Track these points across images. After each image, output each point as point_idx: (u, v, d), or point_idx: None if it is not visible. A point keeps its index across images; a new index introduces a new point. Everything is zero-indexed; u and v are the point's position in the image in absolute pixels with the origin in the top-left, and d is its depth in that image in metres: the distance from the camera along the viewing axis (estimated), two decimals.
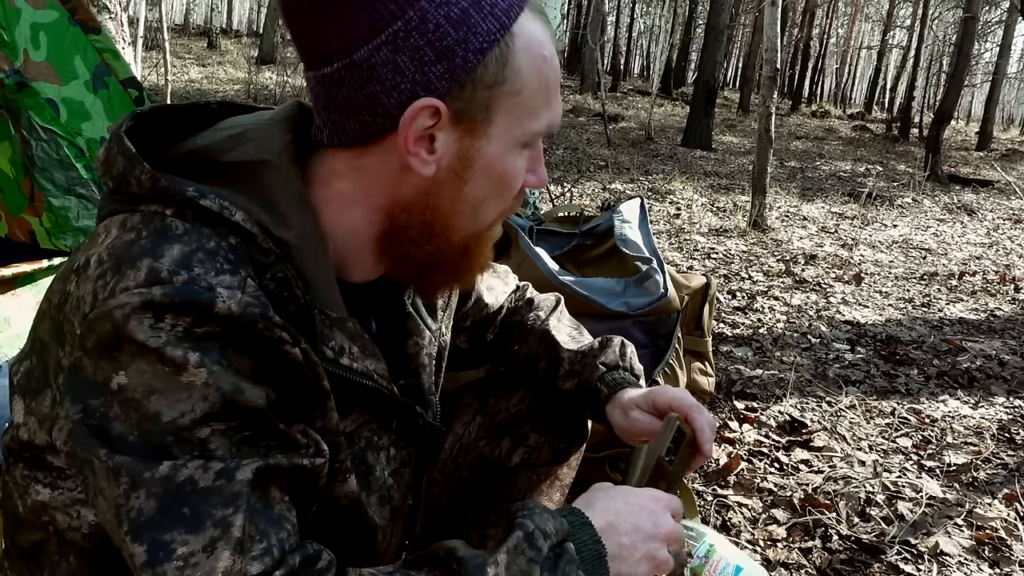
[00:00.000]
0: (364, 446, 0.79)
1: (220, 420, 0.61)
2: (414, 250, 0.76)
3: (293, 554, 0.63)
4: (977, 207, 7.39)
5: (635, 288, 1.90)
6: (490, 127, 0.72)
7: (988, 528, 1.74)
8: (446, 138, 0.71)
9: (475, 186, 0.74)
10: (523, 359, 1.16)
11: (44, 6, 1.88)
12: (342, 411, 0.74)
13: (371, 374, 0.76)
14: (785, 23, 16.89)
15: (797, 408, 2.36)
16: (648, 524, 0.79)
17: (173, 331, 0.60)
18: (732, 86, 29.36)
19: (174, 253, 0.62)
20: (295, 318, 0.68)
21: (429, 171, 0.72)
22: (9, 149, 2.02)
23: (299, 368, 0.67)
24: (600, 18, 16.43)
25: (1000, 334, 3.33)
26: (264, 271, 0.66)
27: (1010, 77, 28.29)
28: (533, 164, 0.79)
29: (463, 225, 0.76)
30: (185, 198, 0.65)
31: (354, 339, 0.74)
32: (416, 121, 0.69)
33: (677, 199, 6.46)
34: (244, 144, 0.71)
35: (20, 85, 1.86)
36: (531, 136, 0.75)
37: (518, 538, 0.70)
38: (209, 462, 0.60)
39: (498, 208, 0.78)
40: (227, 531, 0.59)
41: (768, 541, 1.67)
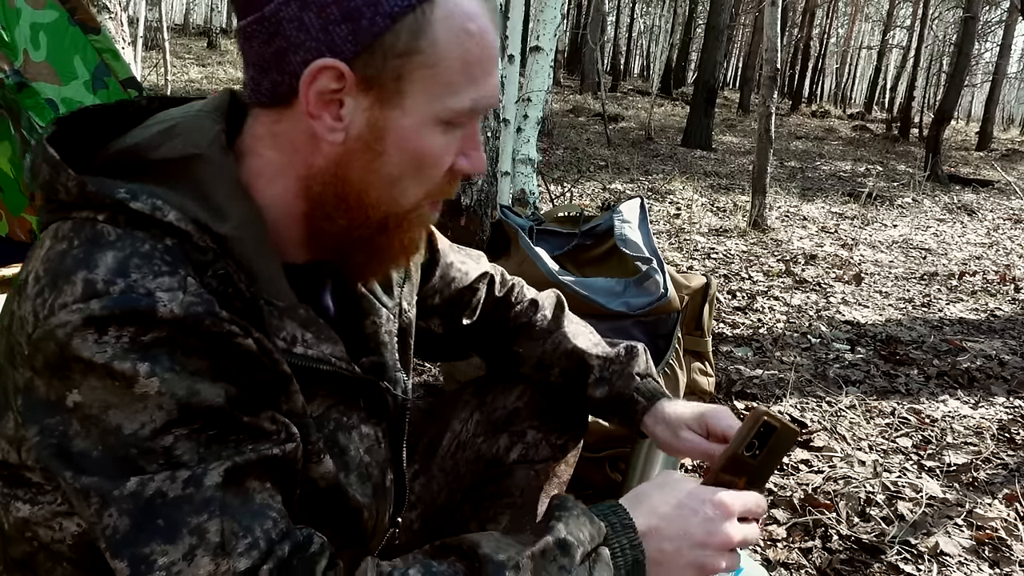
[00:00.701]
0: (334, 427, 0.78)
1: (181, 425, 0.61)
2: (328, 225, 0.74)
3: (282, 543, 0.62)
4: (977, 207, 7.39)
5: (635, 288, 1.90)
6: (403, 99, 0.69)
7: (988, 528, 1.74)
8: (354, 105, 0.69)
9: (389, 161, 0.71)
10: (536, 364, 1.14)
11: (44, 6, 1.88)
12: (306, 396, 0.73)
13: (328, 358, 0.75)
14: (785, 23, 16.89)
15: (797, 408, 2.36)
16: (700, 531, 0.74)
17: (119, 343, 0.59)
18: (732, 86, 29.36)
19: (108, 261, 0.61)
20: (242, 312, 0.66)
21: (336, 138, 0.69)
22: (9, 149, 2.02)
23: (254, 357, 0.65)
24: (600, 18, 16.43)
25: (1000, 334, 3.33)
26: (204, 269, 0.64)
27: (1010, 77, 28.30)
28: (465, 147, 0.74)
29: (379, 201, 0.73)
30: (115, 201, 0.63)
31: (306, 325, 0.73)
32: (317, 82, 0.67)
33: (677, 199, 6.46)
34: (173, 139, 0.69)
35: (20, 85, 1.86)
36: (452, 114, 0.70)
37: (547, 544, 0.68)
38: (177, 471, 0.60)
39: (420, 188, 0.74)
40: (204, 537, 0.59)
41: (768, 541, 1.67)
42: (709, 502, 0.76)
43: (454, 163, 0.74)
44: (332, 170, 0.71)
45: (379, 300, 0.88)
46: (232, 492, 0.61)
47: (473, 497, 1.15)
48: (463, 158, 0.75)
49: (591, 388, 1.12)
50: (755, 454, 0.81)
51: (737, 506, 0.77)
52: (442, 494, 1.14)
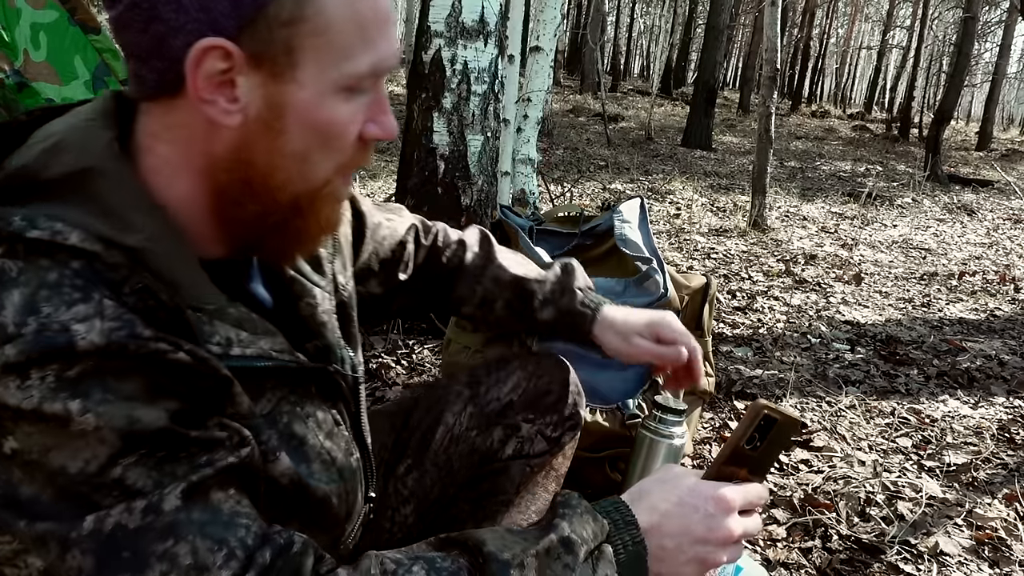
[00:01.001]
0: (289, 420, 0.76)
1: (128, 455, 0.58)
2: (239, 214, 0.71)
3: (262, 549, 0.61)
4: (977, 207, 7.39)
5: (635, 288, 1.90)
6: (297, 70, 0.65)
7: (988, 528, 1.74)
8: (248, 84, 0.65)
9: (293, 138, 0.68)
10: (479, 302, 1.15)
11: (44, 6, 1.88)
12: (253, 394, 0.71)
13: (268, 353, 0.72)
14: (785, 23, 16.89)
15: (797, 408, 2.36)
16: (701, 527, 0.74)
17: (44, 384, 0.56)
18: (732, 86, 29.36)
19: (15, 300, 0.57)
20: (168, 324, 0.63)
21: (234, 121, 0.66)
22: None
23: (189, 369, 0.62)
24: (600, 18, 16.43)
25: (1000, 334, 3.33)
26: (120, 287, 0.61)
27: (1010, 77, 28.30)
28: (373, 113, 0.71)
29: (288, 181, 0.70)
30: (11, 233, 0.59)
31: (240, 324, 0.70)
32: (204, 64, 0.63)
33: (677, 199, 6.46)
34: (61, 155, 0.65)
35: (20, 85, 1.86)
36: (352, 80, 0.67)
37: (551, 542, 0.68)
38: (133, 501, 0.57)
39: (331, 162, 0.71)
40: (175, 562, 0.57)
41: (768, 541, 1.67)
42: (710, 498, 0.76)
43: (363, 130, 0.71)
44: (235, 156, 0.68)
45: (310, 280, 0.86)
46: (197, 510, 0.59)
47: (470, 496, 1.15)
48: (371, 124, 0.71)
49: (538, 312, 1.13)
50: (756, 446, 0.81)
51: (738, 500, 0.77)
52: (435, 488, 1.13)
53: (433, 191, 2.74)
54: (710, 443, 2.10)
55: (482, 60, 2.69)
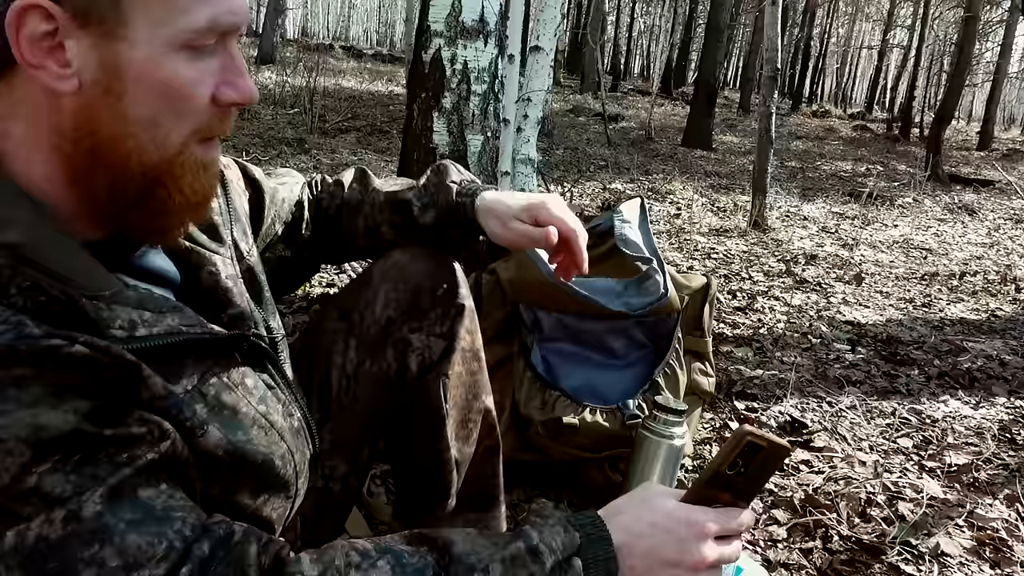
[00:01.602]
0: (217, 392, 0.74)
1: (40, 462, 0.56)
2: (94, 186, 0.67)
3: (199, 541, 0.60)
4: (978, 207, 7.38)
5: (635, 288, 1.90)
6: (127, 28, 0.62)
7: (989, 529, 1.74)
8: (78, 46, 0.62)
9: (135, 101, 0.64)
10: (365, 231, 1.13)
11: None
12: (173, 372, 0.69)
13: (176, 329, 0.70)
14: (785, 23, 16.88)
15: (797, 408, 2.36)
16: (672, 551, 0.73)
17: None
18: (732, 86, 29.36)
19: None
20: (64, 318, 0.61)
21: (69, 86, 0.62)
22: None
23: (91, 361, 0.60)
24: (600, 18, 16.43)
25: (1001, 334, 3.32)
26: (5, 289, 0.59)
27: (1011, 77, 28.28)
28: (225, 74, 0.68)
29: (138, 149, 0.66)
30: None
31: (142, 305, 0.68)
32: (24, 27, 0.60)
33: (677, 199, 6.46)
34: None
35: None
36: (188, 36, 0.64)
37: (518, 550, 0.68)
38: (52, 511, 0.56)
39: (183, 126, 0.67)
40: (103, 566, 0.56)
41: (768, 542, 1.67)
42: (683, 522, 0.75)
43: (217, 93, 0.68)
44: (79, 125, 0.65)
45: (208, 248, 0.84)
46: (125, 509, 0.58)
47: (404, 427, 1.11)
48: (225, 87, 0.68)
49: (420, 218, 1.10)
50: (740, 471, 0.79)
51: (713, 527, 0.75)
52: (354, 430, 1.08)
53: None
54: (710, 443, 2.09)
55: (482, 60, 2.69)
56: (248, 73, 0.70)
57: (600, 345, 1.91)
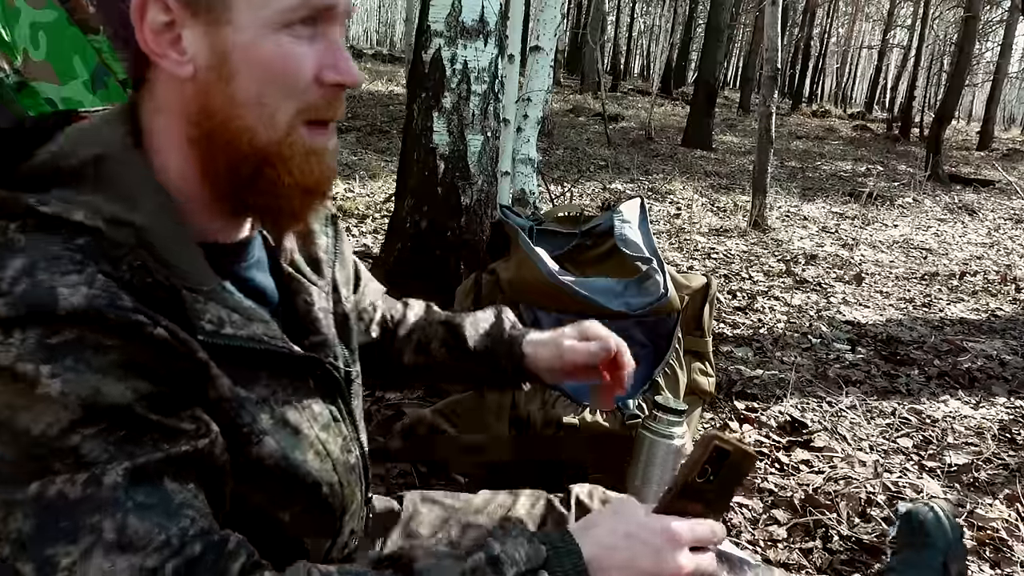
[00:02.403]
0: (284, 409, 0.78)
1: (87, 425, 0.60)
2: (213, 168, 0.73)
3: (193, 542, 0.62)
4: (978, 207, 7.38)
5: (635, 288, 1.90)
6: (231, 13, 0.68)
7: (989, 528, 1.74)
8: (192, 34, 0.69)
9: (243, 82, 0.70)
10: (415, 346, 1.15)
11: (43, 6, 1.88)
12: (247, 378, 0.73)
13: (259, 337, 0.74)
14: (785, 23, 16.88)
15: (797, 408, 2.36)
16: (648, 561, 0.73)
17: (23, 345, 0.59)
18: (732, 86, 29.36)
19: (16, 265, 0.61)
20: (164, 302, 0.66)
21: (186, 71, 0.69)
22: None
23: (167, 346, 0.65)
24: (600, 18, 16.43)
25: (1001, 334, 3.32)
26: (119, 263, 0.65)
27: (1011, 77, 28.28)
28: (328, 56, 0.72)
29: (247, 128, 0.71)
30: (26, 208, 0.65)
31: (234, 308, 0.73)
32: (147, 18, 0.68)
33: (677, 199, 6.46)
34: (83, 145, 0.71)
35: (20, 85, 1.85)
36: (283, 15, 0.69)
37: (478, 561, 0.69)
38: (78, 472, 0.60)
39: (289, 105, 0.72)
40: (100, 536, 0.59)
41: (768, 541, 1.67)
42: (658, 532, 0.75)
43: (320, 74, 0.72)
44: (199, 110, 0.71)
45: (307, 278, 0.88)
46: (142, 491, 0.61)
47: None
48: (328, 68, 0.72)
49: (469, 342, 1.13)
50: (709, 479, 0.78)
51: (687, 536, 0.75)
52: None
53: (433, 191, 2.74)
54: None
55: (482, 60, 2.69)
56: (350, 56, 0.74)
57: None
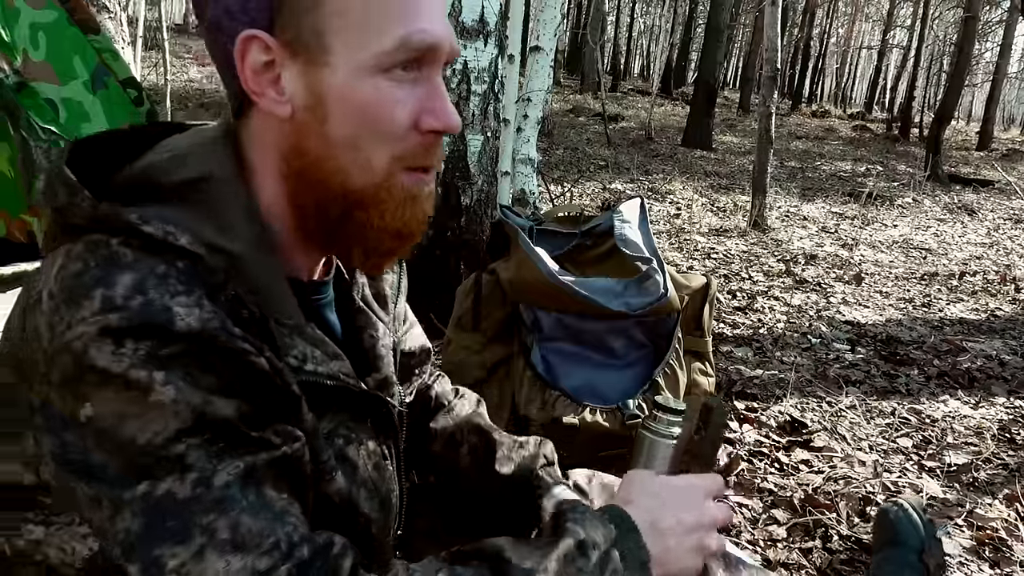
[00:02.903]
0: (344, 443, 0.78)
1: (193, 435, 0.61)
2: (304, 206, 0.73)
3: (301, 546, 0.62)
4: (977, 207, 7.38)
5: (635, 288, 1.90)
6: (328, 55, 0.68)
7: (989, 528, 1.74)
8: (290, 74, 0.69)
9: (338, 123, 0.69)
10: (447, 440, 1.11)
11: (43, 6, 1.88)
12: (317, 413, 0.73)
13: (336, 375, 0.75)
14: (785, 23, 16.89)
15: (797, 408, 2.36)
16: (691, 516, 0.79)
17: (135, 355, 0.59)
18: (732, 86, 29.36)
19: (126, 280, 0.61)
20: (254, 332, 0.67)
21: (284, 111, 0.70)
22: (8, 149, 2.02)
23: (266, 377, 0.66)
24: (600, 18, 16.43)
25: (1000, 334, 3.32)
26: (216, 291, 0.65)
27: (1010, 77, 28.27)
28: (428, 101, 0.71)
29: (340, 170, 0.71)
30: (128, 225, 0.64)
31: (315, 344, 0.74)
32: (248, 57, 0.68)
33: (677, 199, 6.46)
34: (186, 163, 0.71)
35: (20, 85, 1.86)
36: (381, 58, 0.68)
37: (568, 546, 0.70)
38: (186, 474, 0.60)
39: (384, 151, 0.71)
40: (213, 536, 0.59)
41: (768, 541, 1.67)
42: (687, 487, 0.82)
43: (419, 121, 0.71)
44: (293, 148, 0.71)
45: (376, 314, 0.89)
46: (250, 493, 0.62)
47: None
48: (427, 114, 0.71)
49: (498, 464, 1.08)
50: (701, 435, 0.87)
51: (707, 488, 0.82)
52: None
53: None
54: None
55: (482, 60, 2.69)
56: (448, 100, 0.72)
57: (600, 345, 1.91)
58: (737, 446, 2.08)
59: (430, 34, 0.69)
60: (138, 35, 7.21)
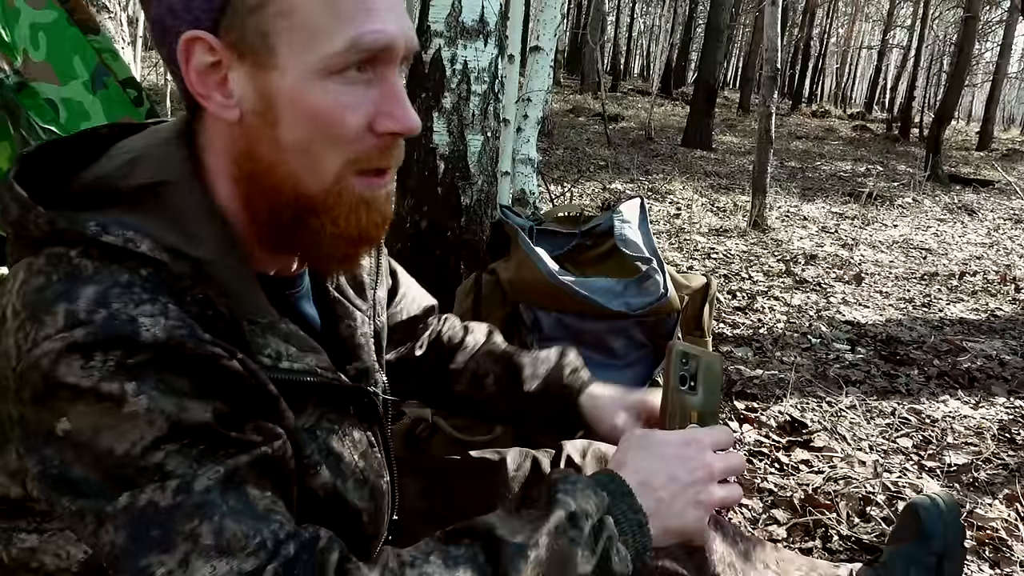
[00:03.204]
0: (327, 436, 0.78)
1: (171, 441, 0.60)
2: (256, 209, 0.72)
3: (287, 543, 0.62)
4: (977, 207, 7.38)
5: (635, 288, 1.90)
6: (275, 56, 0.65)
7: (988, 528, 1.74)
8: (238, 76, 0.67)
9: (288, 128, 0.67)
10: (471, 377, 1.12)
11: (43, 6, 1.88)
12: (296, 409, 0.73)
13: (313, 369, 0.75)
14: (785, 23, 16.89)
15: (797, 408, 2.36)
16: (684, 471, 0.76)
17: (104, 367, 0.59)
18: (732, 86, 29.36)
19: (89, 293, 0.61)
20: (225, 334, 0.66)
21: (232, 115, 0.68)
22: (9, 148, 2.02)
23: (240, 378, 0.65)
24: (600, 18, 16.43)
25: (1000, 334, 3.32)
26: (183, 295, 0.64)
27: (1010, 77, 28.27)
28: (384, 103, 0.68)
29: (292, 175, 0.69)
30: (87, 236, 0.63)
31: (288, 340, 0.73)
32: (193, 59, 0.66)
33: (677, 199, 6.46)
34: (141, 167, 0.69)
35: (20, 85, 1.86)
36: (330, 61, 0.65)
37: (559, 519, 0.69)
38: (166, 482, 0.60)
39: (337, 155, 0.68)
40: (197, 542, 0.59)
41: (768, 541, 1.67)
42: (682, 442, 0.79)
43: (375, 123, 0.68)
44: (243, 152, 0.69)
45: (352, 303, 0.88)
46: (231, 496, 0.61)
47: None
48: (383, 116, 0.68)
49: (525, 384, 1.09)
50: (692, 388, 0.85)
51: (707, 440, 0.79)
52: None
53: (433, 191, 2.74)
54: None
55: (482, 60, 2.69)
56: (407, 102, 0.69)
57: (600, 345, 1.91)
58: (737, 446, 2.08)
59: (384, 34, 0.66)
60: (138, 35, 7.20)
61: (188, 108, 0.73)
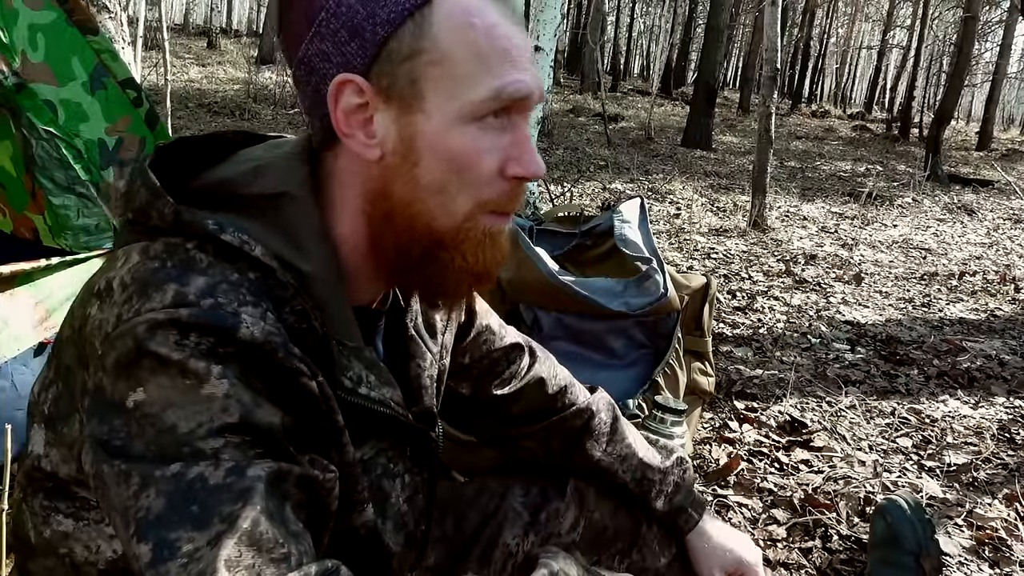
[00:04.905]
0: (380, 473, 0.79)
1: (235, 433, 0.61)
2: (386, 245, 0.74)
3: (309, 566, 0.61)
4: (977, 207, 7.38)
5: (635, 288, 1.90)
6: (423, 101, 0.69)
7: (988, 528, 1.74)
8: (383, 118, 0.70)
9: (427, 169, 0.70)
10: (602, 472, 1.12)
11: (42, 7, 1.88)
12: (359, 439, 0.74)
13: (388, 402, 0.76)
14: (785, 23, 16.89)
15: (797, 408, 2.36)
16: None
17: (197, 348, 0.61)
18: (732, 86, 29.36)
19: (199, 283, 0.63)
20: (313, 350, 0.69)
21: (373, 154, 0.71)
22: (10, 147, 2.01)
23: (315, 401, 0.67)
24: (600, 18, 16.44)
25: (1000, 334, 3.32)
26: (283, 305, 0.67)
27: (1010, 77, 28.27)
28: (513, 149, 0.72)
29: (426, 213, 0.72)
30: (206, 232, 0.66)
31: (371, 368, 0.75)
32: (341, 99, 0.69)
33: (677, 199, 6.46)
34: (265, 177, 0.73)
35: (19, 86, 1.85)
36: (474, 107, 0.69)
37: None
38: (220, 464, 0.60)
39: (468, 196, 0.72)
40: (233, 524, 0.58)
41: (768, 541, 1.67)
42: None
43: (505, 167, 0.72)
44: (379, 190, 0.72)
45: (425, 344, 0.89)
46: (275, 498, 0.61)
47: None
48: (512, 161, 0.72)
49: (653, 501, 1.13)
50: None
51: None
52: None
53: None
54: (710, 443, 2.10)
55: None
56: (535, 150, 0.74)
57: (600, 345, 1.92)
58: (736, 446, 2.08)
59: (525, 84, 0.70)
60: (138, 35, 7.20)
61: (317, 141, 0.75)
